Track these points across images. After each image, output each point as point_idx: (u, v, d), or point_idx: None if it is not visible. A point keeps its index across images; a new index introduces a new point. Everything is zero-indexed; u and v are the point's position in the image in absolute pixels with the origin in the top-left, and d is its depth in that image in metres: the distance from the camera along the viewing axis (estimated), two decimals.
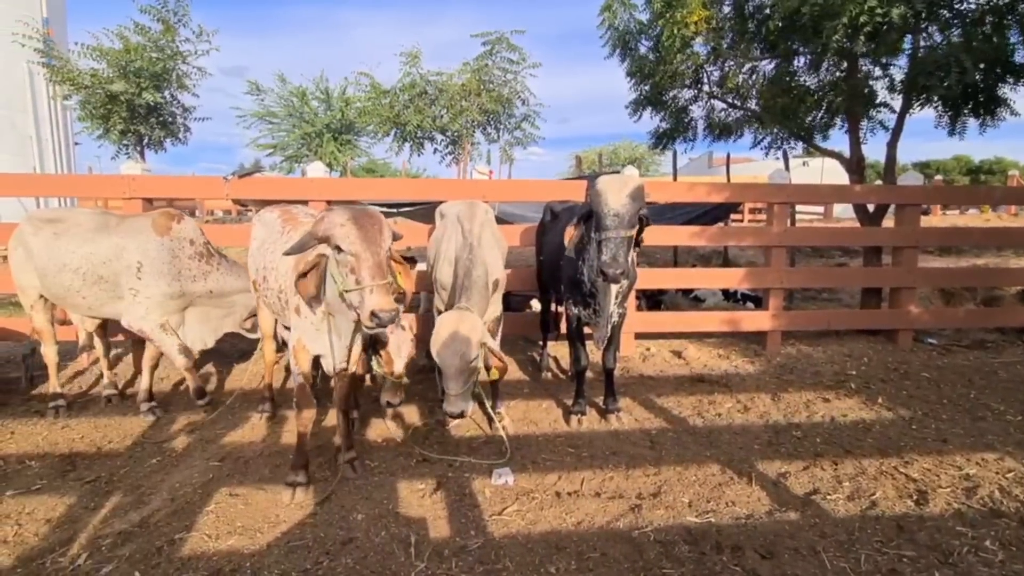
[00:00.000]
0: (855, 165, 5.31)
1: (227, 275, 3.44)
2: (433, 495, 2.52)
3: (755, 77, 5.74)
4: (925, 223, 6.13)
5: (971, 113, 4.79)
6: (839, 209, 16.20)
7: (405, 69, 11.38)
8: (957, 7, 4.48)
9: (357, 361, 2.73)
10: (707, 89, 5.98)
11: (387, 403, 2.85)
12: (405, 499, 2.48)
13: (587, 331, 3.38)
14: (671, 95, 6.10)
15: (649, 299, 5.94)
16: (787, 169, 5.81)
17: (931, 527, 2.26)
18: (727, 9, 5.36)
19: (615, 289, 3.01)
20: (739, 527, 2.27)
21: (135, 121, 9.96)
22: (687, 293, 6.37)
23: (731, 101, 5.98)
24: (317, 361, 2.61)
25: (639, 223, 2.78)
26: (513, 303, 5.44)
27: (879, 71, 5.08)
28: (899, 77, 4.93)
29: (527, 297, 5.52)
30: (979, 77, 4.40)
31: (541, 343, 4.45)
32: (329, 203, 4.15)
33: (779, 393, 3.78)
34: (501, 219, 4.55)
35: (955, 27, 4.55)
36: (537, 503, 2.46)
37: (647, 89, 6.03)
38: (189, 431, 3.20)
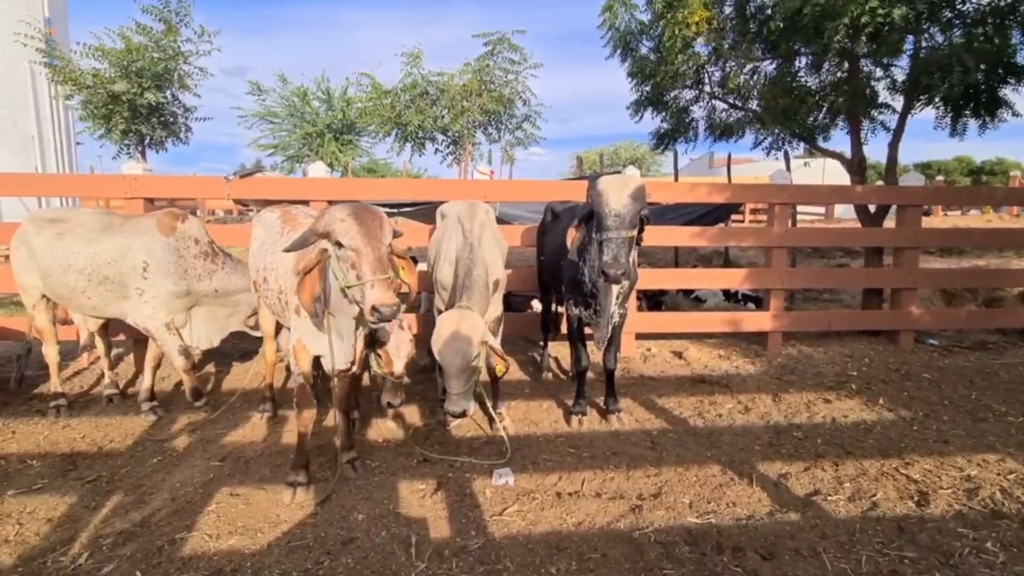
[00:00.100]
0: (856, 166, 5.30)
1: (232, 274, 3.45)
2: (434, 495, 2.52)
3: (756, 78, 5.74)
4: (926, 224, 6.12)
5: (972, 114, 4.78)
6: (840, 210, 16.20)
7: (406, 69, 11.39)
8: (959, 8, 4.48)
9: (359, 361, 2.73)
10: (708, 90, 5.98)
11: (388, 404, 2.85)
12: (406, 499, 2.48)
13: (588, 331, 3.38)
14: (672, 95, 6.10)
15: (650, 299, 5.94)
16: (788, 170, 5.81)
17: (932, 528, 2.25)
18: (728, 10, 5.36)
19: (616, 289, 3.02)
20: (740, 528, 2.27)
21: (137, 121, 9.97)
22: (688, 294, 6.36)
23: (732, 102, 5.98)
24: (318, 361, 2.61)
25: (640, 223, 2.78)
26: (514, 303, 5.44)
27: (880, 72, 5.09)
28: (900, 78, 4.93)
29: (528, 297, 5.51)
30: (980, 78, 4.40)
31: (542, 343, 4.45)
32: (330, 203, 4.14)
33: (780, 394, 3.77)
34: (501, 220, 4.54)
35: (956, 28, 4.55)
36: (538, 503, 2.46)
37: (648, 90, 6.03)
38: (190, 431, 3.20)
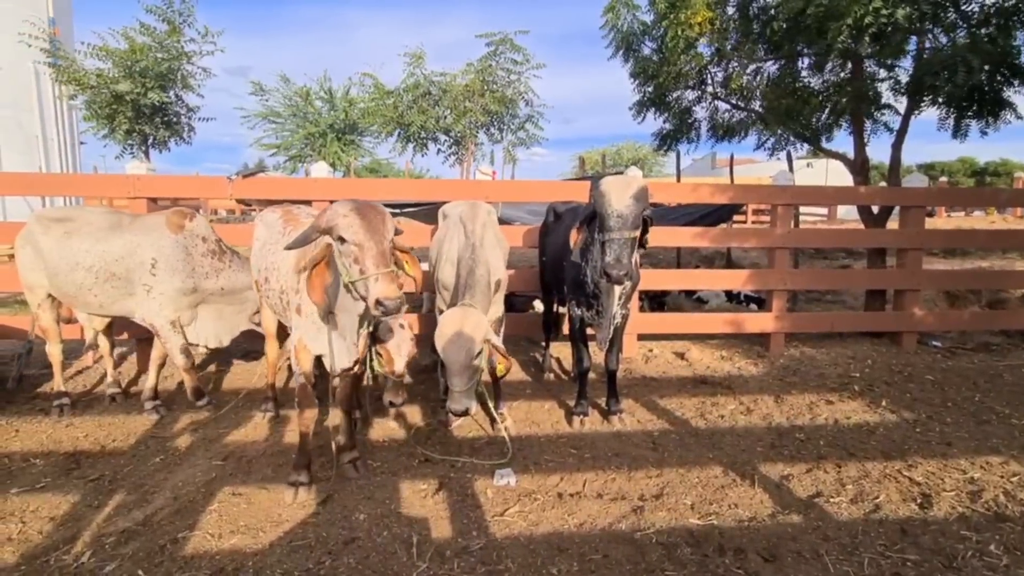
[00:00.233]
0: (859, 167, 5.29)
1: (239, 272, 3.46)
2: (435, 495, 2.52)
3: (759, 78, 5.73)
4: (930, 225, 6.11)
5: (975, 115, 4.77)
6: (843, 211, 16.16)
7: (409, 70, 11.39)
8: (963, 8, 4.47)
9: (361, 360, 2.73)
10: (711, 90, 5.97)
11: (390, 403, 2.85)
12: (407, 499, 2.49)
13: (590, 332, 3.38)
14: (675, 96, 6.09)
15: (652, 300, 5.94)
16: (791, 170, 5.80)
17: (935, 531, 2.25)
18: (731, 10, 5.35)
19: (618, 290, 3.01)
20: (742, 529, 2.26)
21: (140, 121, 9.99)
22: (690, 294, 6.35)
23: (735, 102, 5.97)
24: (319, 361, 2.62)
25: (643, 224, 2.78)
26: (516, 304, 5.44)
27: (884, 72, 5.07)
28: (904, 79, 4.92)
29: (530, 298, 5.51)
30: (984, 79, 4.38)
31: (543, 344, 4.44)
32: (333, 203, 4.15)
33: (782, 395, 3.77)
34: (500, 222, 4.54)
35: (960, 29, 4.54)
36: (539, 504, 2.46)
37: (651, 90, 6.02)
38: (192, 430, 3.21)
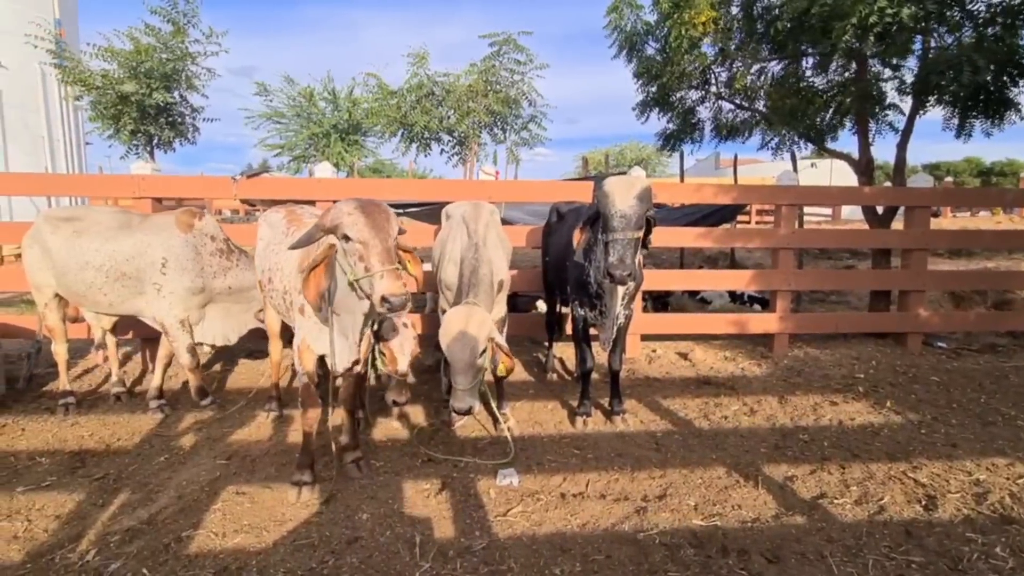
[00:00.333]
0: (864, 167, 5.27)
1: (246, 271, 3.47)
2: (438, 495, 2.52)
3: (763, 78, 5.72)
4: (935, 225, 6.08)
5: (980, 115, 4.74)
6: (847, 211, 16.10)
7: (412, 70, 11.43)
8: (968, 7, 4.44)
9: (363, 361, 2.73)
10: (715, 90, 5.95)
11: (393, 402, 2.86)
12: (410, 499, 2.49)
13: (593, 332, 3.38)
14: (678, 96, 6.08)
15: (655, 300, 5.92)
16: (795, 170, 5.78)
17: (940, 533, 2.24)
18: (735, 10, 5.34)
19: (622, 290, 3.01)
20: (745, 531, 2.26)
21: (145, 121, 10.04)
22: (693, 295, 6.34)
23: (739, 102, 5.96)
24: (323, 361, 2.62)
25: (646, 224, 2.77)
26: (519, 304, 5.44)
27: (889, 72, 5.05)
28: (909, 78, 4.90)
29: (533, 298, 5.51)
30: (990, 78, 4.36)
31: (546, 344, 4.44)
32: (336, 203, 4.17)
33: (786, 396, 3.75)
34: (503, 223, 4.54)
35: (966, 28, 4.51)
36: (542, 504, 2.45)
37: (654, 90, 6.01)
38: (196, 429, 3.22)
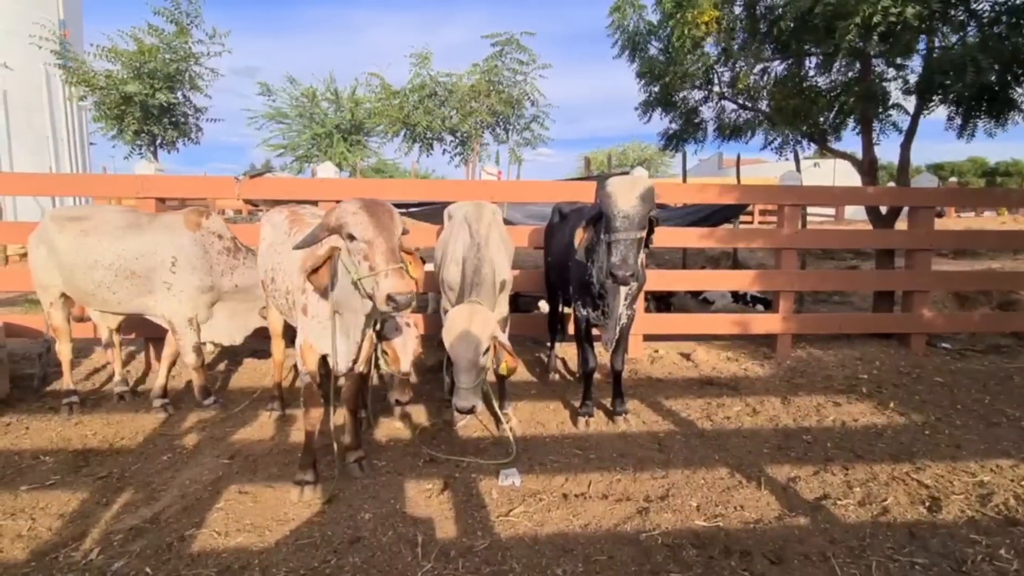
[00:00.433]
0: (867, 167, 5.25)
1: (252, 269, 3.48)
2: (440, 495, 2.52)
3: (766, 78, 5.70)
4: (939, 226, 6.06)
5: (984, 115, 4.72)
6: (851, 211, 16.04)
7: (415, 70, 11.42)
8: (973, 7, 4.42)
9: (366, 360, 2.74)
10: (717, 90, 5.94)
11: (396, 401, 2.86)
12: (412, 499, 2.49)
13: (595, 333, 3.37)
14: (681, 96, 6.07)
15: (658, 301, 5.91)
16: (798, 170, 5.76)
17: (944, 534, 2.23)
18: (738, 10, 5.32)
19: (624, 291, 3.00)
20: (748, 532, 2.25)
21: (148, 121, 10.07)
22: (696, 295, 6.33)
23: (742, 102, 5.94)
24: (325, 360, 2.63)
25: (649, 225, 2.77)
26: (521, 304, 5.44)
27: (893, 72, 5.03)
28: (913, 78, 4.88)
29: (535, 298, 5.51)
30: (994, 78, 4.33)
31: (549, 344, 4.44)
32: (339, 203, 4.17)
33: (789, 397, 3.74)
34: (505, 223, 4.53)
35: (970, 27, 4.49)
36: (544, 505, 2.45)
37: (657, 90, 6.00)
38: (199, 429, 3.23)
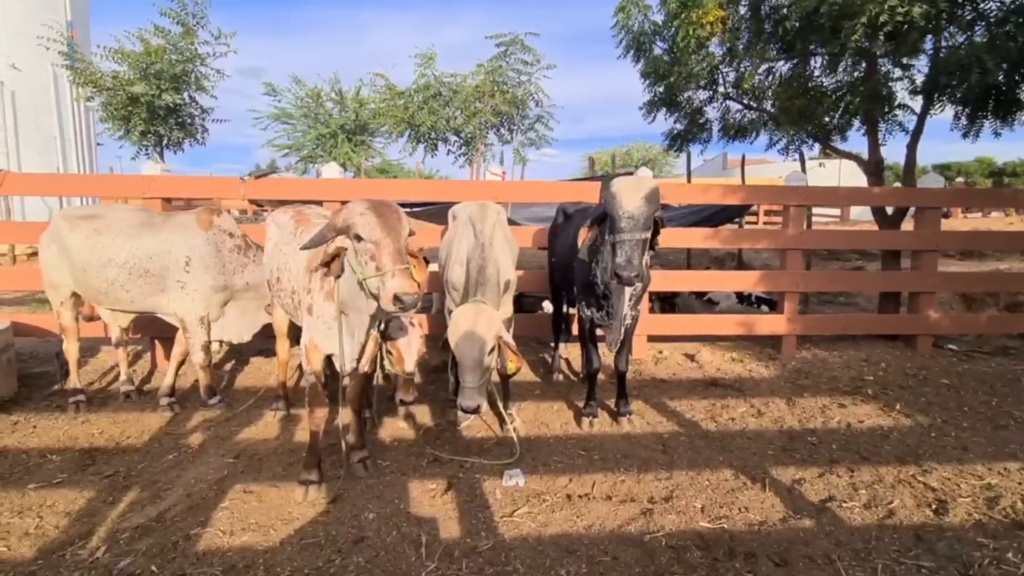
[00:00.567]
0: (873, 167, 5.22)
1: (262, 266, 3.48)
2: (444, 495, 2.53)
3: (771, 78, 5.68)
4: (946, 226, 6.01)
5: (991, 115, 4.68)
6: (856, 212, 15.96)
7: (420, 70, 11.45)
8: (980, 6, 4.39)
9: (371, 360, 2.75)
10: (722, 90, 5.92)
11: (400, 401, 2.87)
12: (416, 499, 2.50)
13: (599, 333, 3.37)
14: (686, 96, 6.05)
15: (662, 301, 5.90)
16: (803, 171, 5.74)
17: (951, 537, 2.21)
18: (743, 10, 5.31)
19: (629, 291, 3.00)
20: (752, 534, 2.25)
21: (155, 122, 10.12)
22: (700, 296, 6.31)
23: (747, 102, 5.92)
24: (330, 360, 2.63)
25: (654, 225, 2.76)
26: (525, 304, 5.44)
27: (899, 72, 5.00)
28: (920, 78, 4.85)
29: (539, 298, 5.51)
30: (1002, 78, 4.30)
31: (553, 345, 4.44)
32: (343, 204, 4.18)
33: (794, 398, 3.73)
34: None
35: (978, 27, 4.46)
36: (548, 505, 2.45)
37: (661, 90, 5.99)
38: (205, 428, 3.25)
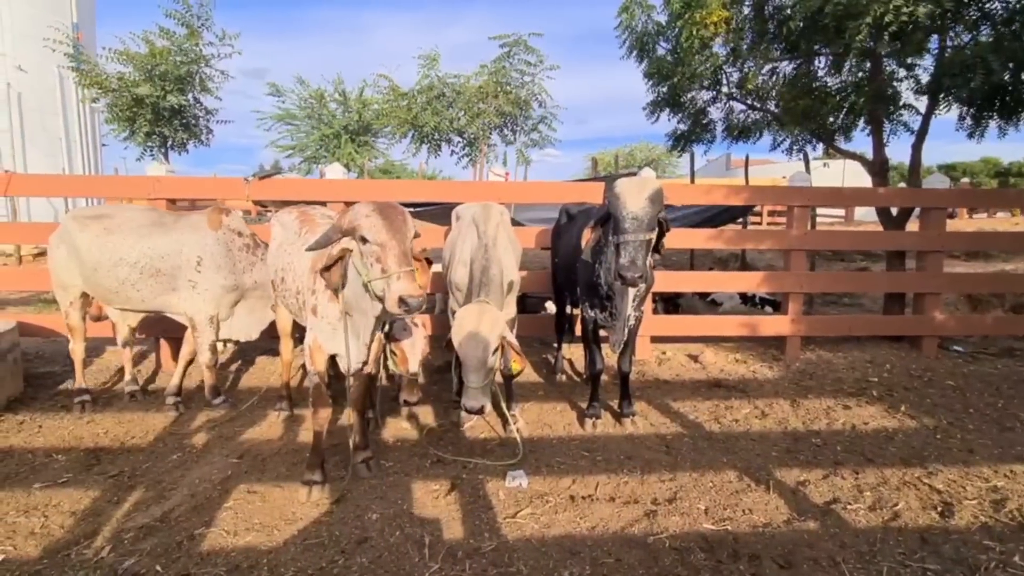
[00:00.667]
0: (878, 167, 5.20)
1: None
2: (447, 496, 2.53)
3: (775, 78, 5.67)
4: (951, 227, 5.98)
5: (997, 115, 4.65)
6: (860, 212, 15.90)
7: (423, 71, 11.45)
8: (986, 6, 4.37)
9: (375, 361, 2.75)
10: (726, 90, 5.91)
11: (404, 401, 2.87)
12: (419, 499, 2.50)
13: (603, 334, 3.36)
14: (689, 96, 6.04)
15: (666, 302, 5.89)
16: (807, 171, 5.72)
17: (957, 540, 2.20)
18: (747, 10, 5.30)
19: (632, 292, 2.99)
20: (756, 535, 2.24)
21: (159, 123, 10.16)
22: (704, 296, 6.29)
23: (750, 102, 5.91)
24: (333, 360, 2.64)
25: (659, 227, 2.76)
26: (528, 305, 5.44)
27: (904, 71, 4.98)
28: (925, 78, 4.82)
29: (542, 299, 5.51)
30: (1008, 77, 4.28)
31: (556, 345, 4.44)
32: (347, 204, 4.19)
33: (798, 399, 3.71)
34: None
35: (983, 26, 4.44)
36: (551, 506, 2.45)
37: (665, 91, 5.98)
38: (209, 428, 3.26)
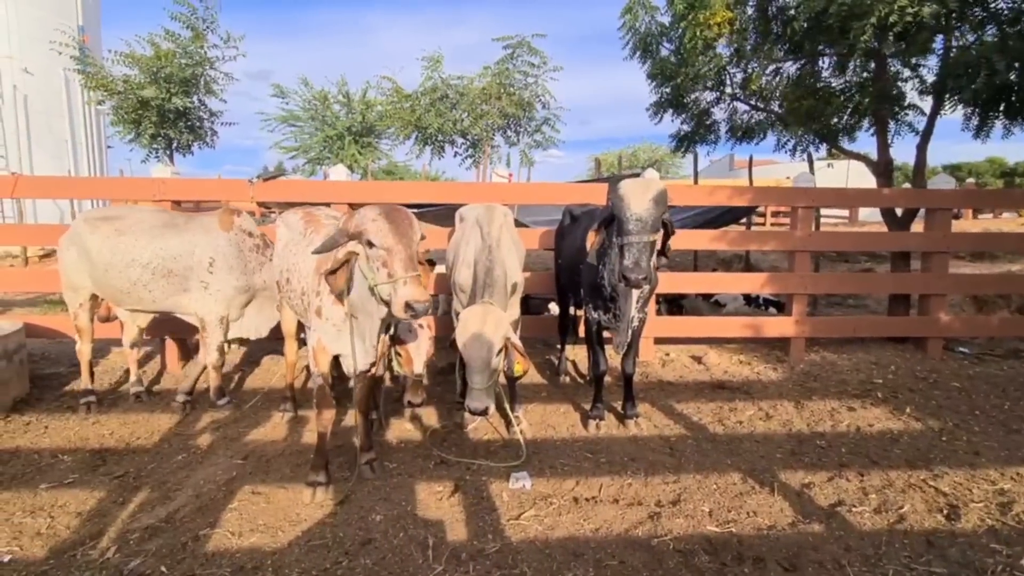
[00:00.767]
0: (883, 168, 5.18)
1: None
2: (451, 498, 2.53)
3: (779, 79, 5.66)
4: (957, 228, 5.95)
5: (1001, 115, 4.63)
6: (865, 213, 15.82)
7: (427, 73, 11.48)
8: (991, 6, 4.35)
9: (379, 362, 2.75)
10: (729, 91, 5.90)
11: (408, 402, 2.87)
12: (423, 501, 2.50)
13: (606, 335, 3.36)
14: (693, 97, 6.04)
15: (669, 303, 5.88)
16: (811, 171, 5.71)
17: (963, 543, 2.19)
18: (750, 10, 5.29)
19: (636, 294, 2.99)
20: (761, 538, 2.23)
21: (165, 125, 10.21)
22: (708, 298, 6.28)
23: (754, 103, 5.90)
24: (337, 362, 2.64)
25: (663, 229, 2.76)
26: (532, 306, 5.44)
27: (908, 72, 4.96)
28: (930, 78, 4.80)
29: (546, 300, 5.51)
30: (1013, 78, 4.25)
31: (559, 346, 4.43)
32: (351, 205, 4.20)
33: (802, 401, 3.70)
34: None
35: (989, 26, 4.41)
36: (555, 508, 2.45)
37: (668, 91, 5.98)
38: (213, 429, 3.27)
